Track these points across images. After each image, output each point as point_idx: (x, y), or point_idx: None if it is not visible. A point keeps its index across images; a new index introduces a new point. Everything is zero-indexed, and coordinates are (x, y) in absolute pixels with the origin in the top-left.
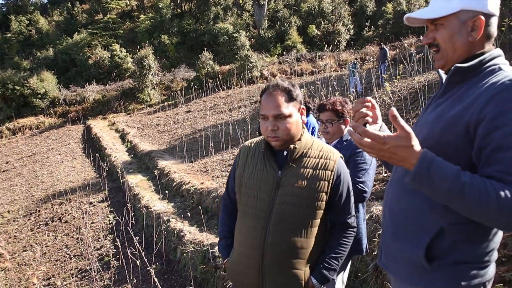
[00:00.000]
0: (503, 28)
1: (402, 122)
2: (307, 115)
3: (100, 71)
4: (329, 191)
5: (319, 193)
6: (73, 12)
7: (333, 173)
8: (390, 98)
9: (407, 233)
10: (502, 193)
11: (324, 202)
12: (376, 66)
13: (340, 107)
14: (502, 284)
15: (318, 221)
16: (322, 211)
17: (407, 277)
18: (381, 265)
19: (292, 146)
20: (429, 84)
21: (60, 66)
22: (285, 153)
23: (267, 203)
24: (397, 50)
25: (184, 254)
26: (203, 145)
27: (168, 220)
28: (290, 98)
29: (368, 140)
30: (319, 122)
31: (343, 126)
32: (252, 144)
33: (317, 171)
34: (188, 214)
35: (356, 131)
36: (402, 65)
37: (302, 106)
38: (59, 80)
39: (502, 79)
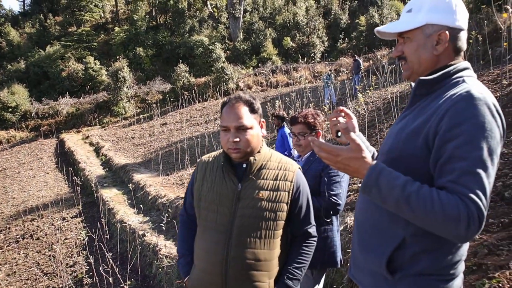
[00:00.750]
0: (470, 41)
1: (353, 135)
2: (282, 127)
3: (73, 84)
4: (289, 201)
5: (279, 204)
6: (46, 24)
7: (292, 183)
8: (364, 109)
9: (371, 244)
10: (447, 203)
11: (285, 213)
12: (350, 78)
13: (312, 120)
14: None
15: (280, 232)
16: (284, 222)
17: (372, 287)
18: (350, 276)
19: (251, 158)
20: (401, 95)
21: (32, 79)
22: (244, 165)
23: (227, 217)
24: (371, 61)
25: (160, 269)
26: (179, 157)
27: (144, 235)
28: (252, 110)
29: (324, 154)
30: (291, 134)
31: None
32: (210, 158)
33: (277, 182)
34: (163, 228)
35: (314, 144)
36: (375, 76)
37: (263, 120)
38: (31, 93)
39: (460, 91)
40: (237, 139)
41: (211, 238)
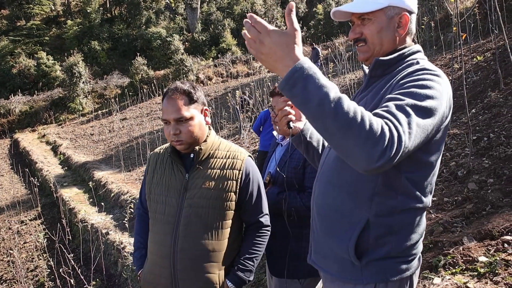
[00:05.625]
0: (423, 26)
1: (295, 19)
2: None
3: (25, 80)
4: (237, 190)
5: (227, 193)
6: None
7: (241, 172)
8: None
9: (335, 228)
10: (374, 120)
11: (233, 202)
12: None
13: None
14: (428, 271)
15: (229, 222)
16: (233, 212)
17: (337, 273)
18: (310, 262)
19: (197, 148)
20: (359, 81)
21: None
22: (191, 155)
23: (175, 208)
24: (329, 49)
25: (125, 267)
26: (140, 153)
27: (107, 233)
28: (191, 100)
29: (253, 31)
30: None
31: None
32: (161, 150)
33: (225, 171)
34: (127, 225)
35: (250, 20)
36: (332, 63)
37: (206, 107)
38: None
39: (416, 67)
40: (178, 131)
41: (160, 230)
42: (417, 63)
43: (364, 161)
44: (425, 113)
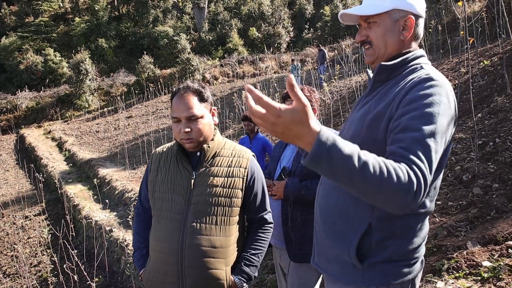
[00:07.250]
0: (430, 30)
1: (300, 93)
2: (258, 132)
3: (33, 76)
4: (243, 188)
5: (234, 190)
6: (0, 14)
7: (246, 170)
8: (329, 98)
9: (337, 231)
10: (401, 173)
11: (240, 199)
12: (316, 68)
13: (308, 94)
14: (432, 274)
15: (235, 218)
16: (239, 208)
17: (339, 276)
18: (314, 265)
19: (205, 146)
20: (365, 84)
21: None
22: (198, 153)
23: (182, 205)
24: (335, 51)
25: (128, 264)
26: (145, 151)
27: (111, 230)
28: (202, 99)
29: (261, 110)
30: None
31: None
32: (164, 149)
33: (231, 168)
34: (130, 222)
35: (251, 96)
36: (339, 65)
37: (214, 108)
38: None
39: (420, 75)
40: (189, 129)
41: (166, 227)
42: (421, 68)
43: (398, 208)
44: (440, 134)
